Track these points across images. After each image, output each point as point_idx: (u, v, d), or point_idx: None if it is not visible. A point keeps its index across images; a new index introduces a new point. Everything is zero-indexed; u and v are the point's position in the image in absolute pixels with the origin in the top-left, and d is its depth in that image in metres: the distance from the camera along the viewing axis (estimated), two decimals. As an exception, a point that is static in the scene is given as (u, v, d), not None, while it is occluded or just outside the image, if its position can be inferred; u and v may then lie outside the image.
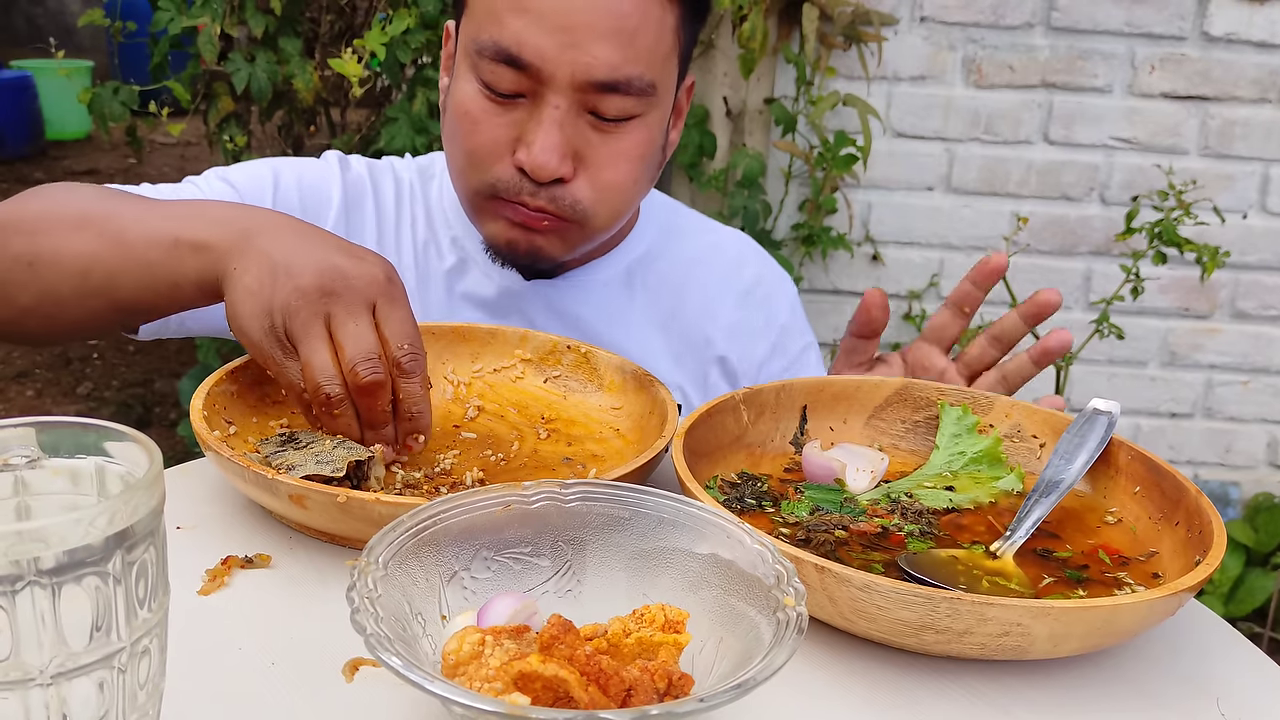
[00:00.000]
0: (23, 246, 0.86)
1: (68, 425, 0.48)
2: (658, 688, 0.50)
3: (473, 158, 0.97)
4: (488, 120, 0.95)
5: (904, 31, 2.33)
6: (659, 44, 0.95)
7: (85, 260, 0.84)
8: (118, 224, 0.85)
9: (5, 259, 0.87)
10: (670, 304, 1.17)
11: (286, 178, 1.08)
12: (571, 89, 0.92)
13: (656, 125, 1.00)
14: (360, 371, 0.73)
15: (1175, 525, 0.72)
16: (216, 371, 0.82)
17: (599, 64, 0.91)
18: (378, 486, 0.74)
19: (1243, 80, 2.35)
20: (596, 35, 0.91)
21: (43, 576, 0.41)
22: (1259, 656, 0.67)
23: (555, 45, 0.91)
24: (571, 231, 1.00)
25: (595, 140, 0.96)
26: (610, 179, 0.98)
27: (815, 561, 0.60)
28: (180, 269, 0.81)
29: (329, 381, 0.74)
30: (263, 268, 0.76)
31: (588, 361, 0.93)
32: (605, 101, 0.94)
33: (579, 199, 0.97)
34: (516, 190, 0.96)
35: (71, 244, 0.85)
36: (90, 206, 0.87)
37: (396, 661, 0.46)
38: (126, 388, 3.54)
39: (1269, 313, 2.50)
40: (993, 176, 2.42)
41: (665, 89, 0.99)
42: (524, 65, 0.92)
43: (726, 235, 1.25)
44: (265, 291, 0.75)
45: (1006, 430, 0.86)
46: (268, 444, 0.77)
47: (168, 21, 2.09)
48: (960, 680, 0.62)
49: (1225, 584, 2.49)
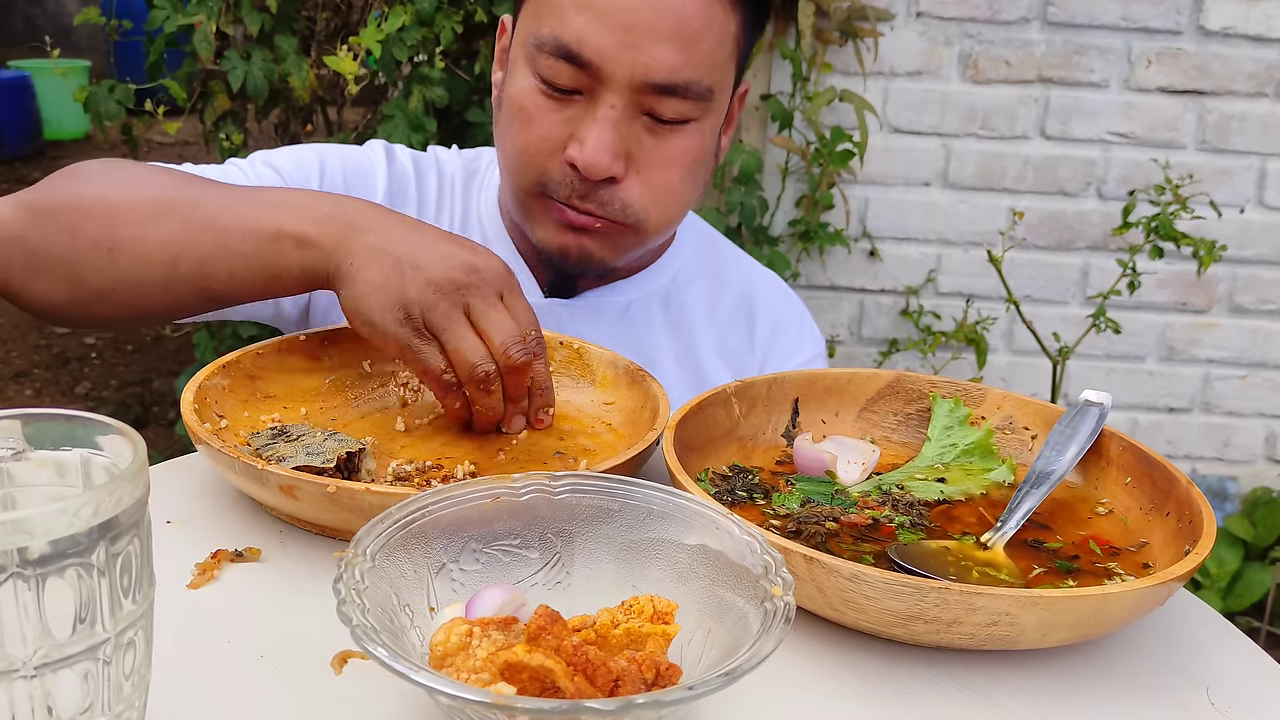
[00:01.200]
0: (99, 232, 0.85)
1: (53, 417, 0.48)
2: (645, 678, 0.50)
3: (525, 153, 0.97)
4: (542, 116, 0.95)
5: (900, 27, 2.33)
6: (719, 49, 0.94)
7: (174, 249, 0.85)
8: (205, 211, 0.85)
9: (80, 244, 0.86)
10: (686, 336, 1.15)
11: (332, 164, 1.08)
12: (629, 89, 0.92)
13: (710, 131, 0.99)
14: (513, 353, 0.80)
15: (1166, 515, 0.72)
16: (208, 365, 0.82)
17: (658, 65, 0.91)
18: (369, 478, 0.75)
19: (1239, 74, 2.35)
20: (658, 37, 0.90)
21: (27, 567, 0.41)
22: (1250, 647, 0.67)
23: (616, 44, 0.90)
24: (625, 236, 0.99)
25: (648, 143, 0.95)
26: (661, 181, 0.97)
27: (803, 552, 0.60)
28: (283, 262, 0.83)
29: (484, 361, 0.79)
30: (385, 263, 0.80)
31: (580, 357, 0.93)
32: (662, 104, 0.93)
33: (629, 202, 0.97)
34: (566, 191, 0.96)
35: (157, 232, 0.85)
36: (169, 192, 0.87)
37: (382, 652, 0.46)
38: (125, 387, 3.54)
39: (1266, 307, 2.50)
40: (989, 172, 2.41)
41: (722, 95, 0.98)
42: (584, 62, 0.91)
43: (760, 278, 1.22)
44: (394, 285, 0.79)
45: (998, 422, 0.86)
46: (258, 437, 0.77)
47: (163, 20, 2.09)
48: (949, 670, 0.62)
49: (1223, 578, 2.49)
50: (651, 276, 1.14)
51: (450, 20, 1.96)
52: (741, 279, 1.20)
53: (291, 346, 0.89)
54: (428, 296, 0.79)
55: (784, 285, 1.23)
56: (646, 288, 1.13)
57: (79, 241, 0.85)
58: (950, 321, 2.48)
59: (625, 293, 1.12)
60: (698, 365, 1.15)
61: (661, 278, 1.14)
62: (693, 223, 1.21)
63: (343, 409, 0.88)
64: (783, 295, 1.21)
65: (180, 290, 0.86)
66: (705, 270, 1.18)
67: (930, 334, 2.44)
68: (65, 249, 0.86)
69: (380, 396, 0.90)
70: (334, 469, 0.72)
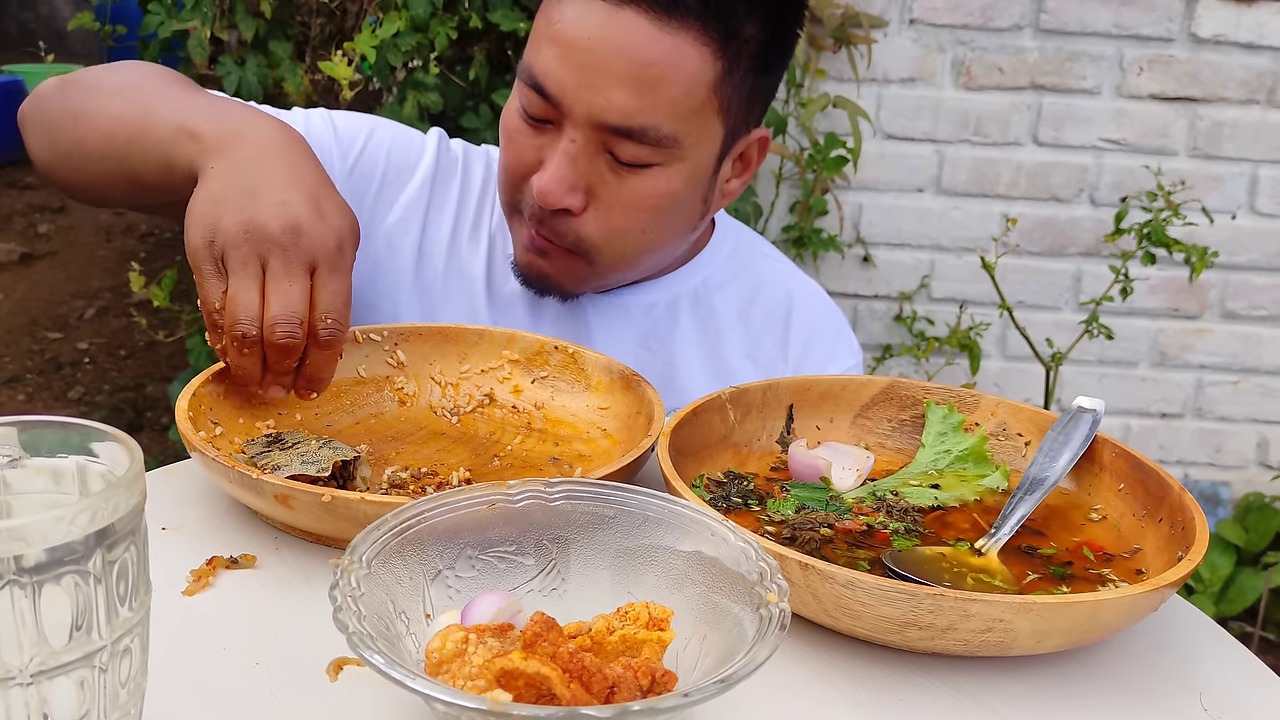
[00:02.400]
0: (76, 99, 0.95)
1: (49, 424, 0.48)
2: (641, 685, 0.50)
3: (506, 172, 1.01)
4: (520, 140, 0.98)
5: (893, 34, 2.34)
6: (687, 97, 0.92)
7: (113, 124, 0.91)
8: (152, 100, 0.90)
9: (61, 108, 0.96)
10: (714, 338, 1.15)
11: (379, 138, 1.10)
12: (588, 126, 0.93)
13: (680, 177, 0.97)
14: (277, 331, 0.76)
15: (1159, 522, 0.72)
16: (202, 373, 0.82)
17: (612, 108, 0.91)
18: (364, 486, 0.75)
19: (1231, 81, 2.36)
20: (615, 80, 0.90)
21: (23, 575, 0.41)
22: (1243, 653, 0.68)
23: (574, 82, 0.91)
24: (578, 265, 1.01)
25: (611, 180, 0.96)
26: (618, 223, 0.98)
27: (799, 558, 0.60)
28: (174, 150, 0.86)
29: (248, 322, 0.76)
30: (230, 182, 0.79)
31: (575, 362, 0.93)
32: (620, 145, 0.93)
33: (582, 235, 0.98)
34: (529, 213, 0.99)
35: (110, 106, 0.92)
36: (145, 80, 0.94)
37: (379, 659, 0.46)
38: (118, 392, 3.53)
39: (1258, 313, 2.51)
40: (982, 178, 2.42)
41: (696, 143, 0.96)
42: (546, 94, 0.93)
43: (800, 285, 1.20)
44: (220, 207, 0.78)
45: (992, 428, 0.86)
46: (253, 445, 0.77)
47: (158, 25, 2.09)
48: (944, 677, 0.62)
49: (1216, 583, 2.49)
50: (682, 278, 1.14)
51: (445, 26, 1.96)
52: (779, 285, 1.19)
53: None
54: (237, 234, 0.77)
55: (823, 294, 1.22)
56: (675, 288, 1.14)
57: (64, 105, 0.96)
58: (944, 327, 2.48)
59: (654, 292, 1.13)
60: (725, 367, 1.14)
61: (692, 280, 1.15)
62: (732, 228, 1.21)
63: (337, 415, 0.88)
64: (821, 303, 1.20)
65: (110, 166, 0.92)
66: (740, 274, 1.17)
67: (924, 339, 2.44)
68: (54, 110, 0.97)
69: (375, 402, 0.90)
70: (329, 477, 0.72)
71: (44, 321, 4.02)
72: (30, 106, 1.01)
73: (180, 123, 0.86)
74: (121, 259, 4.49)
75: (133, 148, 0.89)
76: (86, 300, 4.17)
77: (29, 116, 1.00)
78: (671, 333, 1.14)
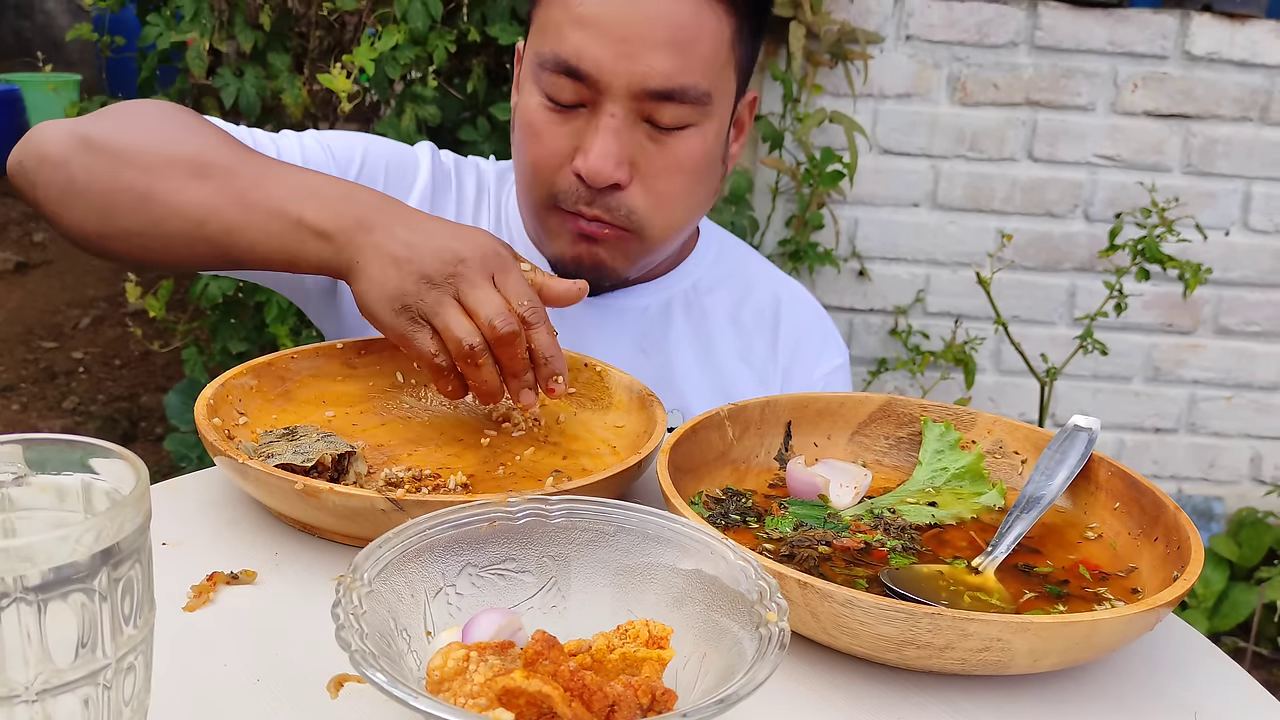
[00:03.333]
0: (135, 179, 0.90)
1: (54, 442, 0.48)
2: (641, 703, 0.50)
3: (536, 167, 1.01)
4: (549, 130, 0.99)
5: (890, 50, 2.35)
6: (715, 55, 0.98)
7: (204, 211, 0.89)
8: (239, 182, 0.90)
9: (116, 187, 0.91)
10: (707, 339, 1.17)
11: (374, 156, 1.11)
12: (628, 98, 0.96)
13: (713, 136, 1.02)
14: (497, 325, 0.82)
15: (1154, 541, 0.73)
16: (240, 366, 0.87)
17: (654, 73, 0.95)
18: (356, 481, 0.77)
19: (1224, 99, 2.37)
20: (652, 46, 0.94)
21: (28, 593, 0.41)
22: (1236, 671, 0.68)
23: (612, 56, 0.94)
24: (630, 243, 1.03)
25: (651, 150, 0.99)
26: (665, 188, 1.01)
27: (797, 577, 0.60)
28: (301, 248, 0.88)
29: (469, 335, 0.82)
30: (385, 260, 0.85)
31: (602, 380, 0.95)
32: (661, 110, 0.97)
33: (634, 208, 1.00)
34: (575, 199, 1.00)
35: (191, 192, 0.90)
36: (210, 154, 0.92)
37: (381, 677, 0.46)
38: (112, 402, 3.53)
39: (1251, 329, 2.52)
40: (978, 193, 2.43)
41: (721, 99, 1.01)
42: (582, 76, 0.95)
43: (786, 288, 1.24)
44: (391, 280, 0.84)
45: (988, 446, 0.87)
46: (268, 435, 0.80)
47: (156, 36, 2.10)
48: (942, 695, 0.63)
49: (1209, 599, 2.50)
50: (672, 282, 1.17)
51: (443, 39, 1.97)
52: (767, 288, 1.22)
53: (327, 353, 0.93)
54: (419, 287, 0.83)
55: (809, 296, 1.26)
56: (666, 292, 1.16)
57: (118, 182, 0.90)
58: (939, 341, 2.49)
59: (646, 296, 1.15)
60: (719, 368, 1.17)
61: (682, 283, 1.17)
62: (717, 234, 1.24)
63: (367, 415, 0.91)
64: (807, 306, 1.24)
65: (203, 249, 0.91)
66: (729, 278, 1.20)
67: (919, 354, 2.45)
68: (104, 186, 0.90)
69: (409, 407, 0.93)
70: (319, 470, 0.74)
71: (39, 331, 4.02)
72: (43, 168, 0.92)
73: (295, 217, 0.88)
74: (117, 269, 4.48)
75: (235, 237, 0.89)
76: (82, 310, 4.17)
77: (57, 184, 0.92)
78: (665, 335, 1.16)
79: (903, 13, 2.33)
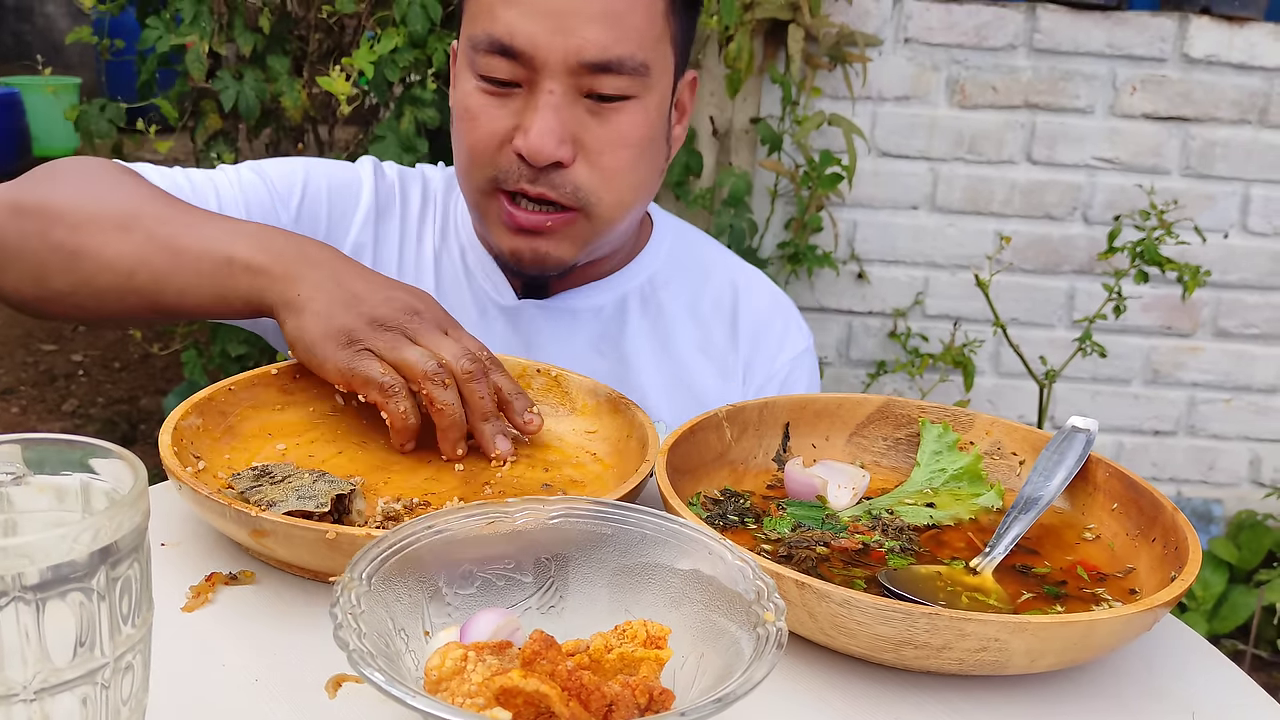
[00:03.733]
0: (65, 237, 0.90)
1: (53, 442, 0.48)
2: (639, 703, 0.50)
3: (474, 151, 0.99)
4: (486, 113, 0.98)
5: (888, 52, 2.35)
6: (649, 26, 0.97)
7: (132, 262, 0.89)
8: (168, 230, 0.89)
9: (45, 247, 0.90)
10: (665, 334, 1.15)
11: (316, 178, 1.10)
12: (565, 73, 0.95)
13: (654, 110, 1.01)
14: (461, 363, 0.82)
15: (1152, 541, 0.73)
16: (181, 404, 0.80)
17: (590, 45, 0.94)
18: (360, 520, 0.72)
19: (1223, 101, 2.38)
20: (586, 18, 0.93)
21: (27, 592, 0.41)
22: (1234, 672, 0.68)
23: (546, 31, 0.93)
24: (577, 225, 1.01)
25: (593, 125, 0.98)
26: (610, 164, 0.99)
27: (795, 577, 0.60)
28: (232, 285, 0.87)
29: (431, 363, 0.81)
30: (331, 296, 0.84)
31: (559, 385, 0.93)
32: (600, 82, 0.96)
33: (579, 184, 0.98)
34: (516, 178, 0.98)
35: (119, 244, 0.89)
36: (137, 206, 0.91)
37: (379, 677, 0.46)
38: (112, 404, 3.53)
39: (1250, 331, 2.52)
40: (976, 196, 2.44)
41: (660, 73, 1.00)
42: (517, 53, 0.94)
43: (745, 276, 1.21)
44: (337, 316, 0.83)
45: (986, 447, 0.87)
46: (240, 479, 0.74)
47: (156, 39, 2.10)
48: (939, 695, 0.63)
49: (1209, 601, 2.50)
50: (627, 277, 1.15)
51: (442, 42, 1.98)
52: (724, 275, 1.20)
53: (264, 381, 0.88)
54: (371, 329, 0.83)
55: (768, 282, 1.23)
56: (621, 289, 1.15)
57: (48, 242, 0.90)
58: (938, 344, 2.49)
59: (600, 293, 1.13)
60: (679, 362, 1.15)
61: (638, 278, 1.15)
62: (671, 224, 1.22)
63: (319, 445, 0.85)
64: (766, 291, 1.21)
65: (134, 300, 0.90)
66: (684, 270, 1.18)
67: (918, 356, 2.45)
68: (35, 247, 0.90)
69: (358, 431, 0.88)
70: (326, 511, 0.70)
71: (38, 334, 4.02)
72: None
73: (225, 255, 0.87)
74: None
75: (164, 284, 0.88)
76: (81, 312, 4.16)
77: None
78: (622, 334, 1.14)
79: (901, 15, 2.33)
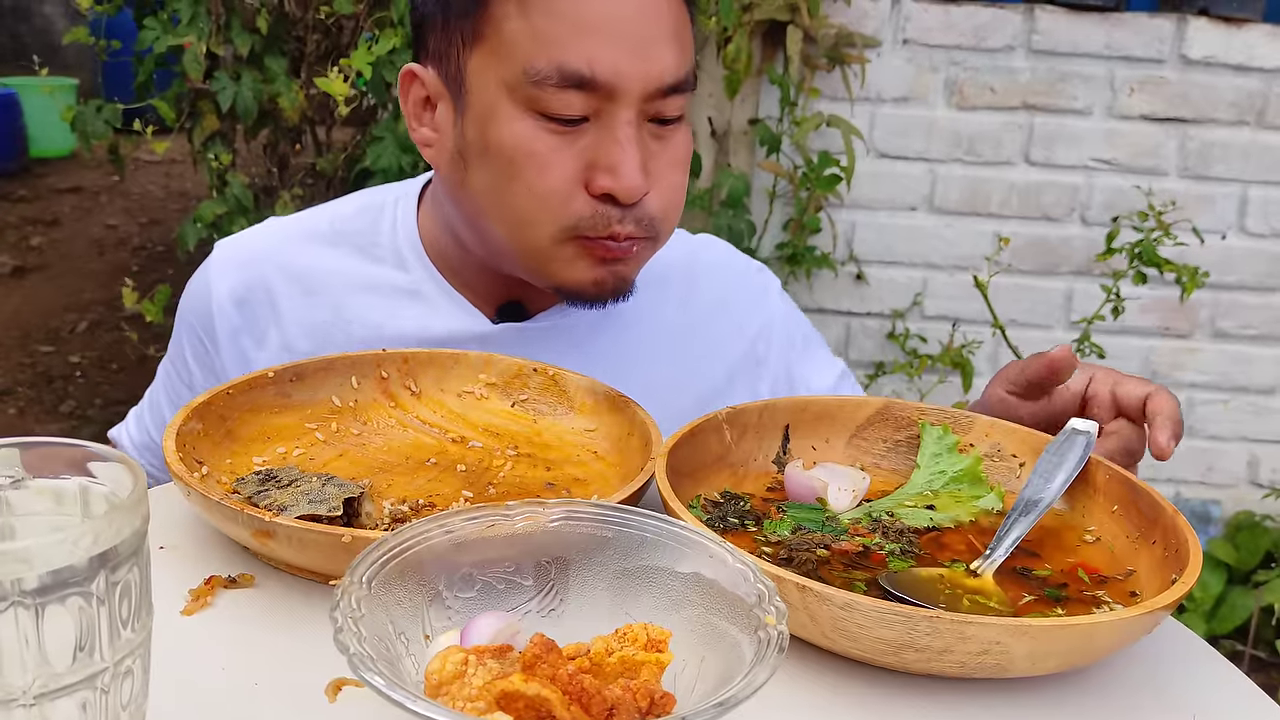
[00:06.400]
0: None
1: (52, 445, 0.48)
2: (640, 706, 0.50)
3: (547, 201, 0.90)
4: (555, 155, 0.89)
5: (887, 53, 2.35)
6: (691, 39, 0.95)
7: None
8: None
9: None
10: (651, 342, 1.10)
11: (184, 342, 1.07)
12: (641, 100, 0.89)
13: (688, 121, 0.99)
14: None
15: (1152, 544, 0.73)
16: (181, 410, 0.80)
17: (669, 69, 0.90)
18: (371, 523, 0.73)
19: (1221, 103, 2.38)
20: (661, 41, 0.89)
21: (26, 597, 0.41)
22: (1234, 673, 0.68)
23: (628, 58, 0.88)
24: (647, 249, 0.96)
25: (657, 149, 0.93)
26: (670, 184, 0.94)
27: (796, 580, 0.60)
28: None
29: None
30: None
31: (556, 384, 0.92)
32: (668, 104, 0.91)
33: (653, 214, 0.93)
34: (605, 224, 0.90)
35: None
36: None
37: (379, 681, 0.46)
38: (109, 406, 3.52)
39: (1248, 332, 2.53)
40: (975, 197, 2.44)
41: None
42: (597, 85, 0.87)
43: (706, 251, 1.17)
44: None
45: (986, 450, 0.87)
46: (245, 484, 0.74)
47: (153, 40, 2.10)
48: (941, 699, 0.63)
49: (1207, 602, 2.50)
50: None
51: (441, 43, 1.97)
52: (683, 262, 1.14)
53: (261, 384, 0.87)
54: None
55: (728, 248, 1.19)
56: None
57: None
58: (936, 345, 2.49)
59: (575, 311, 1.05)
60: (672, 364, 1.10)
61: None
62: None
63: (319, 448, 0.85)
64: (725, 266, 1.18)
65: None
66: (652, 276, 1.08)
67: (916, 357, 2.45)
68: None
69: (357, 434, 0.88)
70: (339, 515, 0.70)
71: (36, 335, 4.01)
72: None
73: None
74: (114, 273, 4.49)
75: None
76: (78, 314, 4.17)
77: None
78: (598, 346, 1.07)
79: (900, 16, 2.33)
